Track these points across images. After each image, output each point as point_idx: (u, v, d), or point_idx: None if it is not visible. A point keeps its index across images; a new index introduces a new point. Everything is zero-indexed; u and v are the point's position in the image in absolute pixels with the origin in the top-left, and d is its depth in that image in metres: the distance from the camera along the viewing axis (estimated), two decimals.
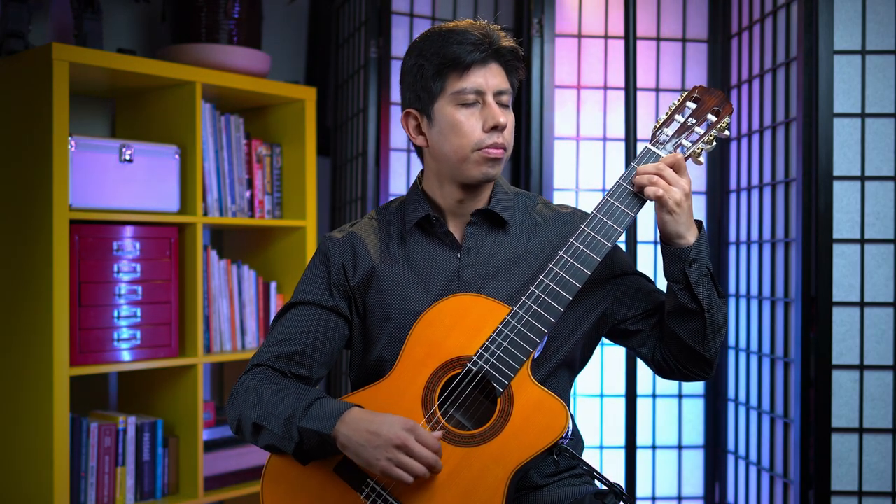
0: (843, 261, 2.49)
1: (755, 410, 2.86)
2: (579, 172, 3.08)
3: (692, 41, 3.11)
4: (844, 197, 2.50)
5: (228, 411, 1.66)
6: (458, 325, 1.58)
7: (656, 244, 3.00)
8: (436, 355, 1.58)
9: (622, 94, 3.00)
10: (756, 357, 2.86)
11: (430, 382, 1.57)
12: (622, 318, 1.73)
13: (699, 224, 1.62)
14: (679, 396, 3.10)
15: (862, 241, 2.49)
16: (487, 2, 3.22)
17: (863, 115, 2.50)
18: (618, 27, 3.06)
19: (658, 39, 3.10)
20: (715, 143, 1.64)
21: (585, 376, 3.02)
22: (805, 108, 2.52)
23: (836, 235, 2.49)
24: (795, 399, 2.55)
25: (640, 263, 2.85)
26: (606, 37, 3.09)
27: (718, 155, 3.09)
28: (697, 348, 1.65)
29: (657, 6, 3.09)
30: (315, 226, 3.00)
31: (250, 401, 1.61)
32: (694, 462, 3.12)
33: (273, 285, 3.02)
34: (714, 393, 3.11)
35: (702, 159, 1.64)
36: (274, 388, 1.61)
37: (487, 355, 1.55)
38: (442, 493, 1.52)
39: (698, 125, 1.64)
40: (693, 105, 1.65)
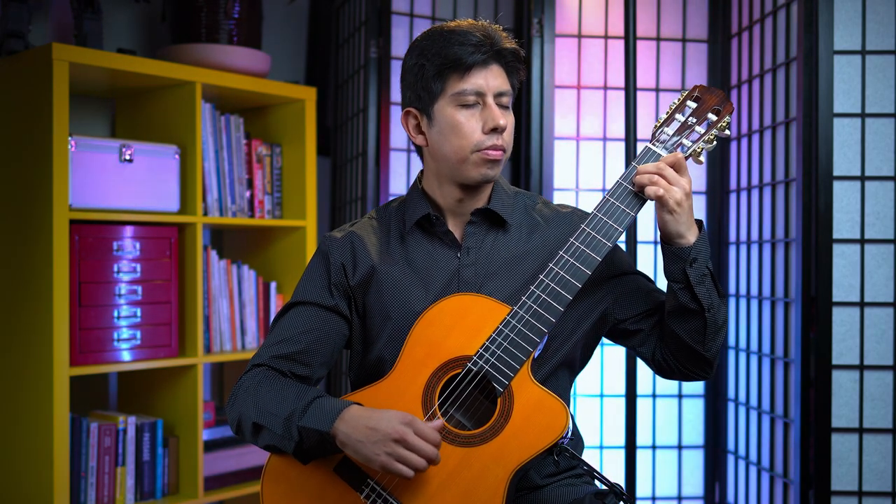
0: (843, 261, 2.49)
1: (755, 410, 2.86)
2: (579, 172, 3.08)
3: (692, 41, 3.11)
4: (844, 197, 2.50)
5: (228, 411, 1.66)
6: (459, 325, 1.58)
7: (656, 244, 3.00)
8: (436, 355, 1.57)
9: (622, 94, 3.00)
10: (756, 357, 2.85)
11: (430, 382, 1.57)
12: (622, 318, 1.73)
13: (699, 224, 1.62)
14: (679, 396, 3.10)
15: (862, 241, 2.49)
16: (487, 2, 3.22)
17: (863, 115, 2.50)
18: (618, 27, 3.06)
19: (658, 39, 3.10)
20: (715, 143, 1.64)
21: (585, 376, 3.02)
22: (805, 108, 2.52)
23: (836, 235, 2.49)
24: (795, 399, 2.55)
25: (640, 263, 2.85)
26: (606, 37, 3.09)
27: (718, 155, 3.09)
28: (697, 348, 1.65)
29: (657, 6, 3.09)
30: (315, 226, 3.00)
31: (250, 401, 1.61)
32: (694, 462, 3.12)
33: (273, 285, 3.02)
34: (714, 393, 3.11)
35: (702, 158, 1.64)
36: (274, 388, 1.60)
37: (487, 355, 1.55)
38: (442, 493, 1.52)
39: (699, 124, 1.64)
40: (693, 104, 1.65)
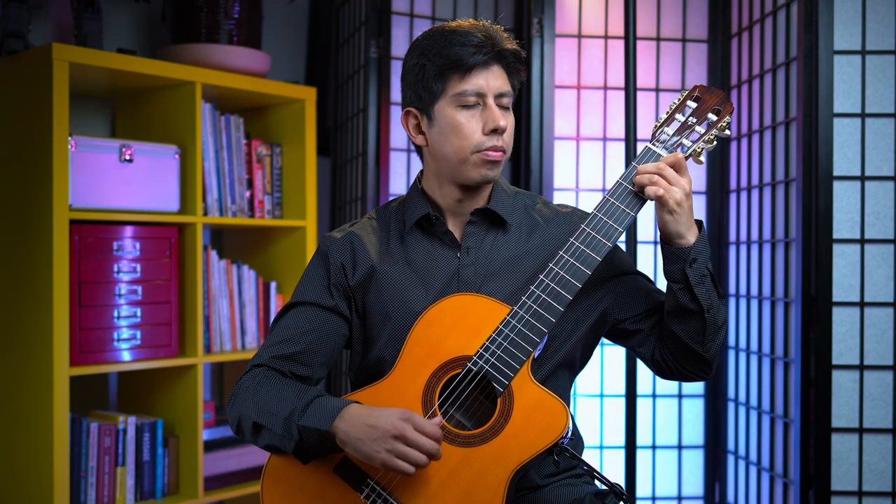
0: (843, 261, 2.49)
1: (755, 410, 2.86)
2: (579, 172, 3.08)
3: (692, 41, 3.11)
4: (844, 197, 2.50)
5: (228, 411, 1.66)
6: (458, 325, 1.58)
7: (656, 244, 3.00)
8: (436, 355, 1.57)
9: (622, 94, 3.00)
10: (756, 357, 2.85)
11: (430, 382, 1.57)
12: (622, 318, 1.73)
13: (699, 224, 1.62)
14: (679, 396, 3.10)
15: (862, 241, 2.49)
16: (487, 2, 3.22)
17: (863, 115, 2.50)
18: (618, 27, 3.06)
19: (658, 39, 3.10)
20: (715, 143, 1.64)
21: (585, 376, 3.02)
22: (805, 108, 2.52)
23: (836, 235, 2.49)
24: (795, 399, 2.55)
25: (640, 263, 2.85)
26: (606, 37, 3.09)
27: (718, 155, 3.09)
28: (697, 348, 1.65)
29: (657, 6, 3.09)
30: (315, 226, 3.00)
31: (250, 400, 1.61)
32: (694, 462, 3.11)
33: (273, 285, 3.02)
34: (714, 393, 3.11)
35: (702, 158, 1.64)
36: (274, 388, 1.61)
37: (487, 355, 1.55)
38: (442, 493, 1.52)
39: (699, 124, 1.63)
40: (693, 104, 1.65)
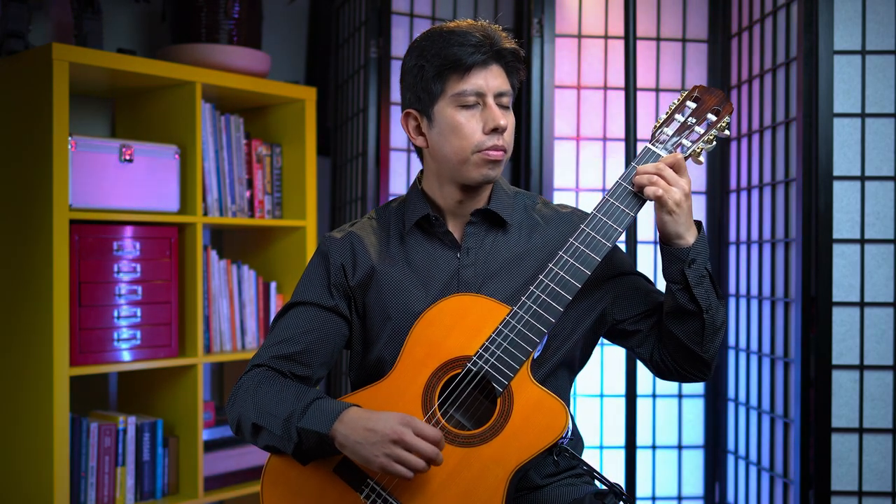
0: (843, 261, 2.49)
1: (755, 410, 2.86)
2: (579, 172, 3.08)
3: (692, 41, 3.11)
4: (844, 197, 2.50)
5: (228, 412, 1.66)
6: (458, 325, 1.58)
7: (656, 244, 2.99)
8: (436, 355, 1.57)
9: (622, 94, 3.00)
10: (756, 357, 2.85)
11: (430, 382, 1.57)
12: (621, 318, 1.73)
13: (699, 225, 1.62)
14: (679, 396, 3.10)
15: (862, 241, 2.49)
16: (487, 2, 3.22)
17: (863, 115, 2.50)
18: (618, 27, 3.06)
19: (658, 39, 3.10)
20: (715, 143, 1.64)
21: (585, 376, 3.02)
22: (805, 108, 2.52)
23: (836, 235, 2.49)
24: (795, 399, 2.55)
25: (640, 263, 2.85)
26: (606, 37, 3.09)
27: (718, 155, 3.09)
28: (695, 349, 1.65)
29: (657, 6, 3.09)
30: (315, 226, 3.00)
31: (250, 401, 1.61)
32: (694, 462, 3.12)
33: (273, 285, 3.02)
34: (714, 393, 3.11)
35: (702, 159, 1.64)
36: (273, 389, 1.61)
37: (487, 355, 1.55)
38: (442, 493, 1.52)
39: (698, 125, 1.63)
40: (693, 104, 1.65)
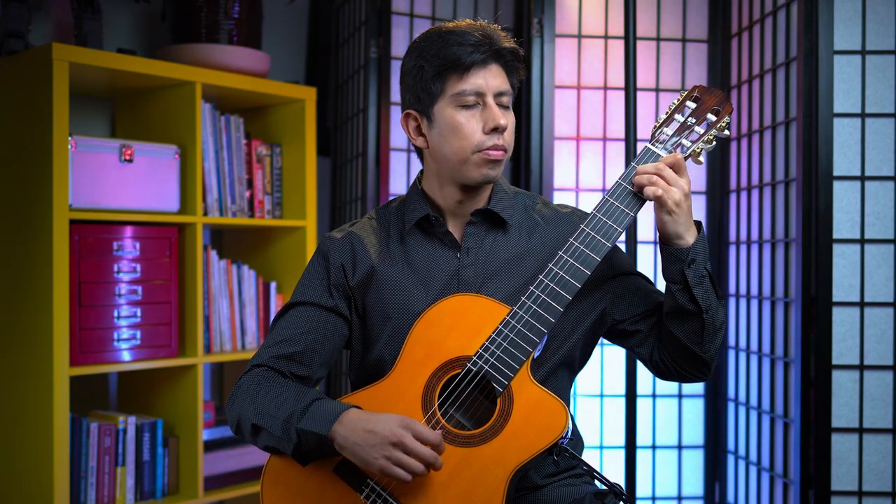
0: (843, 261, 2.49)
1: (755, 410, 2.86)
2: (579, 172, 3.08)
3: (692, 41, 3.11)
4: (844, 197, 2.50)
5: (228, 412, 1.65)
6: (458, 325, 1.58)
7: (656, 244, 2.99)
8: (436, 355, 1.57)
9: (622, 94, 3.00)
10: (756, 357, 2.85)
11: (430, 382, 1.57)
12: (620, 318, 1.73)
13: (698, 225, 1.62)
14: (679, 396, 3.10)
15: (862, 241, 2.49)
16: (487, 2, 3.22)
17: (863, 115, 2.50)
18: (618, 27, 3.06)
19: (658, 39, 3.10)
20: (715, 143, 1.64)
21: (585, 376, 3.02)
22: (805, 108, 2.52)
23: (836, 235, 2.49)
24: (795, 399, 2.55)
25: (640, 263, 2.85)
26: (606, 37, 3.09)
27: (718, 155, 3.09)
28: (695, 349, 1.65)
29: (657, 6, 3.09)
30: (315, 226, 3.00)
31: (249, 401, 1.61)
32: (694, 462, 3.12)
33: (273, 285, 3.02)
34: (714, 393, 3.11)
35: (702, 159, 1.64)
36: (273, 389, 1.60)
37: (487, 355, 1.55)
38: (442, 493, 1.52)
39: (698, 125, 1.63)
40: (693, 104, 1.65)
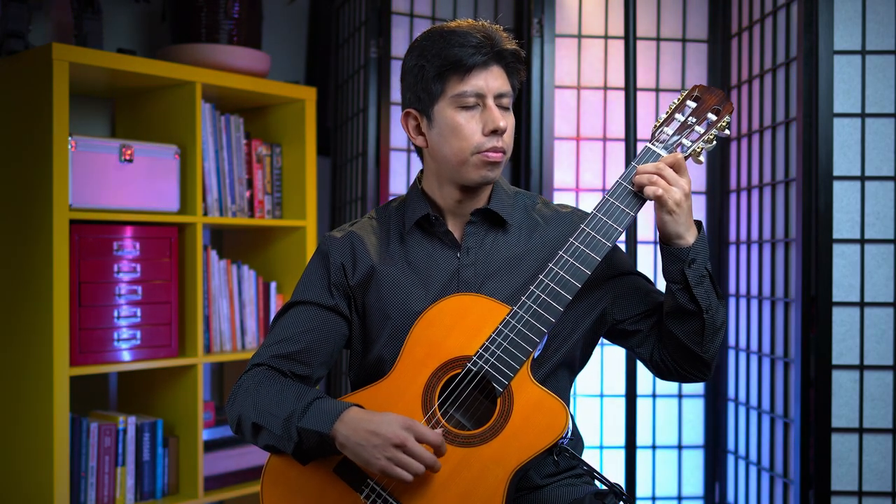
0: (843, 261, 2.49)
1: (755, 410, 2.86)
2: (579, 172, 3.08)
3: (692, 41, 3.11)
4: (844, 197, 2.50)
5: (228, 411, 1.65)
6: (458, 325, 1.58)
7: (656, 244, 2.99)
8: (436, 355, 1.57)
9: (622, 94, 3.00)
10: (756, 357, 2.85)
11: (430, 382, 1.57)
12: (621, 318, 1.73)
13: (699, 224, 1.62)
14: (679, 396, 3.10)
15: (862, 241, 2.49)
16: (487, 2, 3.22)
17: (863, 115, 2.50)
18: (618, 27, 3.06)
19: (658, 39, 3.10)
20: (715, 143, 1.64)
21: (585, 376, 3.02)
22: (805, 108, 2.52)
23: (836, 235, 2.49)
24: (795, 399, 2.55)
25: (640, 263, 2.85)
26: (606, 37, 3.09)
27: (718, 155, 3.09)
28: (695, 349, 1.65)
29: (657, 6, 3.09)
30: (315, 226, 3.00)
31: (250, 401, 1.61)
32: (694, 462, 3.11)
33: (273, 285, 3.02)
34: (714, 393, 3.11)
35: (702, 158, 1.64)
36: (273, 388, 1.60)
37: (487, 355, 1.55)
38: (442, 493, 1.52)
39: (698, 124, 1.63)
40: (693, 104, 1.65)
